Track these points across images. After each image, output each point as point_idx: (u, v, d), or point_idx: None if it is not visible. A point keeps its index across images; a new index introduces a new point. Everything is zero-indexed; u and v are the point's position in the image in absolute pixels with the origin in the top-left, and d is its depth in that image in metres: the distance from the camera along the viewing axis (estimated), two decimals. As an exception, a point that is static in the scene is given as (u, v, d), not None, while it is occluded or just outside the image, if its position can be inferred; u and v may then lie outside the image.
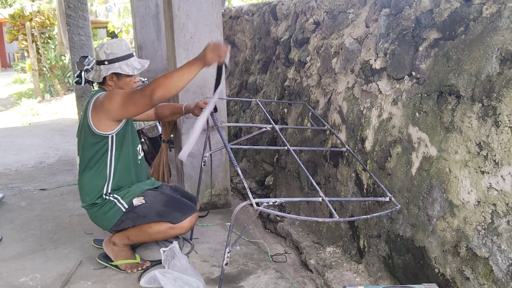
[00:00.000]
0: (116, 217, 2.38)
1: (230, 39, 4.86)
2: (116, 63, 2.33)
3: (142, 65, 2.41)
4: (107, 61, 2.33)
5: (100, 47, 2.35)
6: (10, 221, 3.15)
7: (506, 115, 1.55)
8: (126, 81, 2.38)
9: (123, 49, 2.35)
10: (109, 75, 2.34)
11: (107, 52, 2.33)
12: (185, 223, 2.41)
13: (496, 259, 1.54)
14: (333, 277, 2.27)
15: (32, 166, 4.54)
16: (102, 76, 2.34)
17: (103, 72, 2.34)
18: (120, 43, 2.36)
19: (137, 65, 2.38)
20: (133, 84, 2.41)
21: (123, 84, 2.38)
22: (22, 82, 14.15)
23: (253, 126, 3.19)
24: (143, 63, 2.42)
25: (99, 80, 2.37)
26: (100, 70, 2.35)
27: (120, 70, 2.33)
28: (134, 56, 2.41)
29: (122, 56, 2.34)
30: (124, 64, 2.34)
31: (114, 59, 2.33)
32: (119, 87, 2.38)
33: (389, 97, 2.20)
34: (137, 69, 2.37)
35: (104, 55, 2.33)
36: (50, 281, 2.36)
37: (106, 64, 2.34)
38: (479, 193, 1.62)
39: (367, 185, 2.31)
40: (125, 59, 2.35)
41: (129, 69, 2.34)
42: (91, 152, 2.34)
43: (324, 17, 2.97)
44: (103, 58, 2.34)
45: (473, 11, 1.77)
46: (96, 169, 2.36)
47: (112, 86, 2.38)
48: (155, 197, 2.43)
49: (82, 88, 6.21)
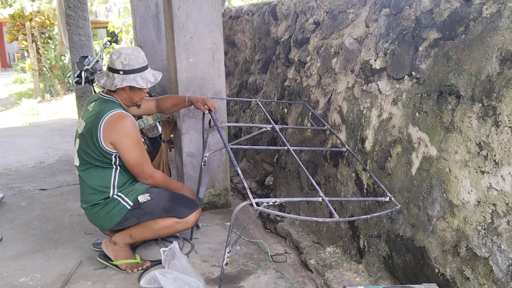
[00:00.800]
0: (121, 215, 2.37)
1: (230, 39, 4.86)
2: (131, 75, 2.33)
3: (156, 78, 2.42)
4: (123, 71, 2.32)
5: (117, 55, 2.32)
6: (10, 221, 3.15)
7: (506, 115, 1.55)
8: (137, 93, 2.40)
9: (140, 61, 2.35)
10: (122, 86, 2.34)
11: (124, 63, 2.31)
12: (191, 217, 2.44)
13: (496, 259, 1.54)
14: (333, 277, 2.27)
15: (32, 166, 4.54)
16: (116, 87, 2.33)
17: (117, 82, 2.32)
18: (138, 55, 2.36)
19: (151, 78, 2.40)
20: (142, 95, 2.45)
21: (133, 95, 2.40)
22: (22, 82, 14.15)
23: (253, 126, 3.19)
24: (157, 76, 2.43)
25: (111, 89, 2.35)
26: (114, 79, 2.34)
27: (135, 83, 2.33)
28: (148, 68, 2.42)
29: (138, 68, 2.34)
30: (139, 76, 2.34)
31: (129, 71, 2.32)
32: (130, 97, 2.41)
33: (389, 97, 2.20)
34: (151, 83, 2.39)
35: (120, 65, 2.32)
36: (50, 281, 2.36)
37: (121, 73, 2.32)
38: (479, 193, 1.62)
39: (367, 185, 2.31)
40: (141, 71, 2.35)
41: (143, 83, 2.35)
42: (95, 158, 2.33)
43: (324, 17, 2.97)
44: (119, 68, 2.32)
45: (473, 11, 1.77)
46: (100, 172, 2.36)
47: (123, 95, 2.39)
48: (160, 194, 2.44)
49: (82, 88, 6.22)
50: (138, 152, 2.35)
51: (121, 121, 2.30)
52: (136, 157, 2.35)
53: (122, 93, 2.39)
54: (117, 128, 2.29)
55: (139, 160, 2.36)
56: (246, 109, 4.28)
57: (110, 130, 2.28)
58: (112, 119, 2.29)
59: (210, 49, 3.04)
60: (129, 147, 2.31)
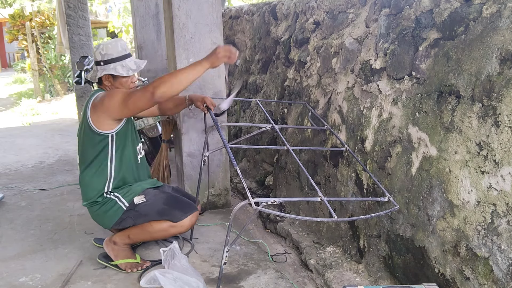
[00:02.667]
0: (117, 215, 2.38)
1: (230, 39, 4.86)
2: (111, 64, 2.34)
3: (138, 65, 2.40)
4: (103, 61, 2.35)
5: (96, 48, 2.38)
6: (10, 221, 3.15)
7: (506, 115, 1.55)
8: (122, 82, 2.38)
9: (119, 50, 2.35)
10: (104, 75, 2.36)
11: (102, 53, 2.34)
12: (186, 221, 2.41)
13: (496, 259, 1.54)
14: (333, 277, 2.27)
15: (32, 166, 4.54)
16: (97, 77, 2.37)
17: (99, 73, 2.36)
18: (116, 43, 2.36)
19: (132, 65, 2.38)
20: (131, 84, 2.41)
21: (119, 85, 2.38)
22: (22, 82, 14.15)
23: (253, 126, 3.18)
24: (139, 64, 2.41)
25: (95, 81, 2.40)
26: (97, 71, 2.38)
27: (114, 71, 2.34)
28: (131, 57, 2.41)
29: (117, 57, 2.35)
30: (119, 65, 2.35)
31: (108, 60, 2.34)
32: (115, 87, 2.39)
33: (389, 97, 2.20)
34: (132, 70, 2.37)
35: (100, 56, 2.35)
36: (50, 281, 2.36)
37: (102, 65, 2.36)
38: (479, 193, 1.62)
39: (367, 185, 2.31)
40: (120, 60, 2.35)
41: (123, 70, 2.35)
42: (92, 151, 2.35)
43: (324, 17, 2.97)
44: (99, 59, 2.36)
45: (473, 11, 1.77)
46: (97, 168, 2.37)
47: (109, 86, 2.40)
48: (156, 196, 2.44)
49: (82, 88, 6.22)
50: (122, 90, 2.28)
51: (102, 95, 2.31)
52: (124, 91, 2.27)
53: (107, 84, 2.40)
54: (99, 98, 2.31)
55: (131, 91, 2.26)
56: (246, 109, 4.28)
57: (94, 106, 2.30)
58: (96, 99, 2.32)
59: (210, 49, 2.99)
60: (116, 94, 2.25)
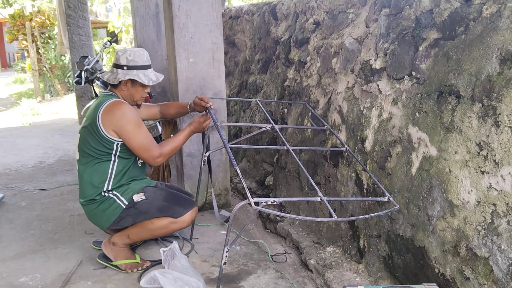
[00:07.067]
0: (116, 214, 2.38)
1: (230, 39, 4.86)
2: (134, 71, 2.40)
3: (157, 78, 2.48)
4: (127, 66, 2.39)
5: (122, 52, 2.41)
6: (10, 221, 3.15)
7: (506, 115, 1.55)
8: (138, 90, 2.45)
9: (144, 60, 2.43)
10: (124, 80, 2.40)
11: (129, 58, 2.39)
12: (186, 217, 2.43)
13: (496, 259, 1.54)
14: (333, 277, 2.27)
15: (32, 166, 4.54)
16: (119, 80, 2.39)
17: (120, 76, 2.39)
18: (143, 53, 2.44)
19: (153, 77, 2.45)
20: (143, 95, 2.48)
21: (134, 91, 2.44)
22: (22, 82, 14.15)
23: (253, 126, 3.19)
24: (158, 77, 2.49)
25: (114, 82, 2.41)
26: (117, 73, 2.40)
27: (137, 78, 2.39)
28: (151, 68, 2.49)
29: (141, 66, 2.42)
30: (141, 73, 2.41)
31: (133, 67, 2.40)
32: (131, 93, 2.45)
33: (389, 97, 2.20)
34: (152, 81, 2.44)
35: (125, 60, 2.39)
36: (50, 281, 2.36)
37: (124, 69, 2.39)
38: (479, 193, 1.62)
39: (367, 185, 2.31)
40: (143, 69, 2.42)
41: (145, 79, 2.41)
42: (96, 149, 2.35)
43: (324, 17, 2.97)
44: (123, 63, 2.39)
45: (473, 11, 1.77)
46: (98, 166, 2.38)
47: (124, 90, 2.44)
48: (155, 193, 2.45)
49: (82, 88, 6.22)
50: (141, 136, 2.37)
51: (118, 108, 2.34)
52: (140, 141, 2.37)
53: (123, 89, 2.44)
54: (116, 115, 2.33)
55: (143, 144, 2.38)
56: (246, 109, 4.28)
57: (109, 118, 2.32)
58: (109, 107, 2.34)
59: (210, 49, 3.04)
60: (131, 132, 2.34)
